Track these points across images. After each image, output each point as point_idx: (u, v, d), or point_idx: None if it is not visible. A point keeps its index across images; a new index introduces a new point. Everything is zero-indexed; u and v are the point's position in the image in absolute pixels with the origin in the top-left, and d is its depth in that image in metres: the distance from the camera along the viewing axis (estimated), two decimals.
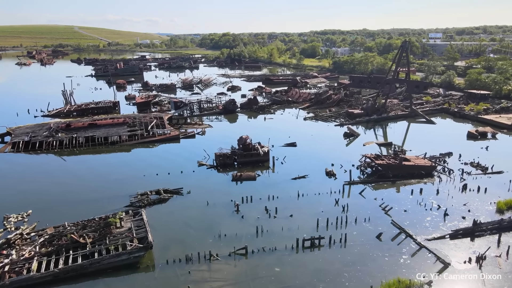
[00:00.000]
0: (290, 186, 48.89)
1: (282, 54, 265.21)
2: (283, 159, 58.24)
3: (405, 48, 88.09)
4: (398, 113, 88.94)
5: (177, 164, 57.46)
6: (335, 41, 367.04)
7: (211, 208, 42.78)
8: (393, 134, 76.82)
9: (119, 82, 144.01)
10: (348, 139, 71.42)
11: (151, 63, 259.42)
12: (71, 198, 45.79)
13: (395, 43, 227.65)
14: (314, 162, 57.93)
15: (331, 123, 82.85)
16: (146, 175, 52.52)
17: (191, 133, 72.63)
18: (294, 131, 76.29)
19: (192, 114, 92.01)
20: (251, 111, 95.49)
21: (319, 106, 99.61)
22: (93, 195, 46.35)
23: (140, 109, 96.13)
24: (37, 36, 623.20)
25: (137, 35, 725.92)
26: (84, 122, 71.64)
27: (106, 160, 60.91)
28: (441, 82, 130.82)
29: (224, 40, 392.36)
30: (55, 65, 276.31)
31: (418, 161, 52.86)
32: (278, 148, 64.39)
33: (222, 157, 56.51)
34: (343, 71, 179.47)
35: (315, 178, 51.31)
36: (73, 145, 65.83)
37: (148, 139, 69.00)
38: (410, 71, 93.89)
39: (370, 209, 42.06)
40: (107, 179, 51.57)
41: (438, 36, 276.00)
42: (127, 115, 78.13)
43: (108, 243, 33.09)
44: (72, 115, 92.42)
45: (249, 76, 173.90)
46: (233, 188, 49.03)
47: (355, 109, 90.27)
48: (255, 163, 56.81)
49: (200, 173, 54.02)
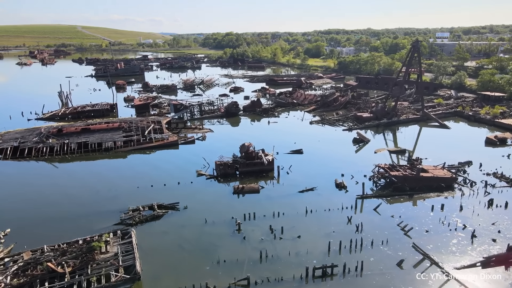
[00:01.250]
0: (297, 200, 44.52)
1: (286, 54, 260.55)
2: (289, 169, 53.87)
3: (417, 48, 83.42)
4: (410, 116, 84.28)
5: (174, 174, 53.23)
6: (340, 41, 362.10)
7: (209, 226, 38.47)
8: (404, 140, 72.22)
9: (119, 83, 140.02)
10: (358, 145, 66.92)
11: (153, 63, 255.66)
12: (56, 214, 41.59)
13: (401, 42, 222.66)
14: (322, 172, 53.55)
15: (338, 128, 78.36)
16: (140, 186, 48.28)
17: (190, 139, 68.36)
18: (300, 136, 71.99)
19: (192, 117, 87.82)
20: (254, 114, 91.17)
21: (326, 109, 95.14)
22: (81, 210, 42.15)
23: (139, 111, 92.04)
24: (40, 35, 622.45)
25: (140, 34, 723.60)
26: (77, 127, 67.46)
27: (98, 169, 56.70)
28: (452, 83, 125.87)
29: (227, 40, 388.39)
30: (56, 65, 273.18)
31: (436, 172, 48.30)
32: (283, 155, 60.02)
33: (223, 166, 52.22)
34: (349, 72, 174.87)
35: (324, 191, 46.91)
36: (65, 151, 61.72)
37: (145, 145, 64.79)
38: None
39: (387, 229, 37.60)
40: (98, 191, 47.33)
41: (445, 35, 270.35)
42: (123, 119, 73.93)
43: (90, 273, 28.88)
44: (67, 118, 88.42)
45: (252, 76, 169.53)
46: (234, 202, 44.72)
47: (363, 112, 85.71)
48: (259, 173, 52.48)
49: (199, 184, 49.72)
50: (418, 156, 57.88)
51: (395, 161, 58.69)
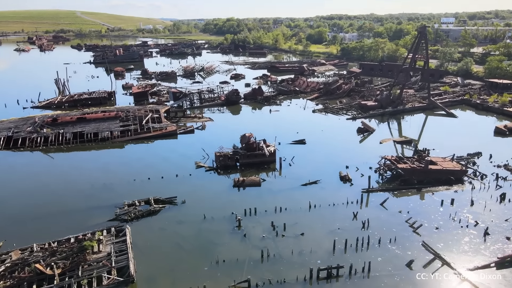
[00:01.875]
0: (300, 193, 42.67)
1: (287, 40, 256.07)
2: (291, 160, 51.89)
3: (424, 34, 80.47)
4: (415, 105, 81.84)
5: (173, 165, 51.33)
6: (342, 27, 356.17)
7: (208, 223, 36.69)
8: (409, 129, 70.10)
9: (117, 69, 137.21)
10: (362, 135, 64.77)
11: (152, 49, 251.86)
12: (49, 208, 39.82)
13: (406, 28, 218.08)
14: (326, 163, 51.60)
15: (342, 116, 76.09)
16: (136, 179, 46.40)
17: (189, 128, 66.28)
18: (302, 126, 69.92)
19: (192, 105, 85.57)
20: (256, 102, 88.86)
21: (329, 96, 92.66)
22: (74, 205, 40.37)
23: (137, 99, 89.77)
24: (38, 21, 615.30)
25: (140, 20, 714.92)
26: (73, 116, 65.31)
27: (94, 160, 54.75)
28: (458, 70, 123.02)
29: (228, 26, 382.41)
30: (55, 51, 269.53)
31: (445, 164, 46.27)
32: (286, 146, 58.00)
33: (223, 157, 50.25)
34: (352, 58, 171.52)
35: (328, 184, 45.01)
36: (60, 142, 59.76)
37: (142, 135, 62.76)
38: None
39: (395, 226, 35.78)
40: (93, 184, 45.47)
41: (450, 21, 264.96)
42: (120, 108, 71.73)
43: (81, 275, 27.19)
44: (64, 106, 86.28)
45: (253, 63, 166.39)
46: (234, 195, 42.89)
47: (368, 100, 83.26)
48: (260, 165, 50.55)
49: (198, 176, 47.84)
50: (425, 147, 55.83)
51: (401, 152, 56.70)
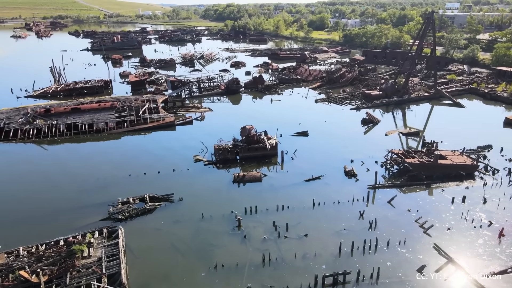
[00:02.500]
0: (303, 190, 40.65)
1: (289, 26, 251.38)
2: (294, 154, 49.73)
3: (431, 20, 77.51)
4: (421, 94, 79.25)
5: (170, 159, 49.28)
6: (344, 12, 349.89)
7: (206, 222, 34.74)
8: (415, 119, 67.80)
9: (115, 57, 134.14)
10: (367, 126, 62.48)
11: (152, 35, 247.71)
12: (38, 207, 37.85)
13: (410, 14, 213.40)
14: (330, 157, 49.47)
15: (346, 107, 73.64)
16: (132, 174, 44.36)
17: (188, 119, 63.99)
18: (305, 116, 67.63)
19: (191, 94, 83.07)
20: (256, 91, 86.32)
21: (331, 85, 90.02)
22: (66, 203, 38.39)
23: (134, 88, 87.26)
24: (36, 7, 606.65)
25: (139, 6, 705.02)
26: (66, 106, 62.91)
27: (88, 153, 52.59)
28: (464, 57, 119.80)
29: (229, 11, 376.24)
30: (52, 37, 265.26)
31: (455, 158, 44.11)
32: (287, 138, 55.78)
33: (222, 151, 48.10)
34: (355, 45, 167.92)
35: (332, 180, 42.95)
36: (53, 133, 57.55)
37: (139, 126, 60.51)
38: (431, 45, 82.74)
39: (404, 226, 33.81)
40: (85, 179, 43.42)
41: (455, 6, 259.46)
42: (116, 98, 69.26)
43: (69, 283, 25.33)
44: (59, 95, 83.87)
45: (254, 50, 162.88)
46: (234, 192, 40.87)
47: (372, 90, 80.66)
48: (261, 158, 48.44)
49: (196, 171, 45.77)
50: (433, 139, 53.49)
51: (408, 145, 54.48)
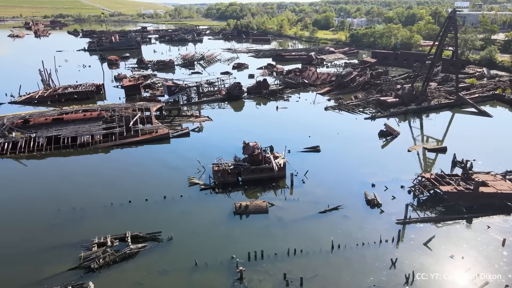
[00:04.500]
0: (318, 225, 33.80)
1: (293, 25, 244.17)
2: (305, 175, 42.87)
3: (453, 19, 70.52)
4: (442, 101, 72.16)
5: (161, 181, 42.60)
6: (349, 11, 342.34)
7: (200, 272, 27.93)
8: (434, 128, 61.11)
9: (111, 58, 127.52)
10: (385, 139, 55.55)
11: (152, 35, 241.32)
12: None
13: (419, 13, 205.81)
14: (346, 179, 42.64)
15: (359, 115, 66.68)
16: (115, 202, 37.61)
17: (184, 131, 57.20)
18: (314, 126, 60.95)
19: (189, 101, 76.33)
20: (260, 97, 79.50)
21: (341, 90, 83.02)
22: (28, 244, 31.50)
23: (128, 94, 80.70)
24: (37, 6, 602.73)
25: (141, 4, 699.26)
26: (48, 117, 56.17)
27: (66, 174, 45.72)
28: (480, 59, 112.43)
29: (231, 10, 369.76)
30: (51, 37, 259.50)
31: (498, 184, 37.13)
32: (296, 154, 48.94)
33: (222, 173, 41.30)
34: (362, 45, 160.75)
35: (352, 210, 36.06)
36: (30, 148, 50.87)
37: (129, 139, 53.76)
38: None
39: (452, 283, 26.87)
40: (58, 209, 36.58)
41: (465, 5, 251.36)
42: (105, 106, 62.41)
43: None
44: (46, 102, 77.36)
45: (257, 51, 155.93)
46: (235, 227, 34.05)
47: (387, 96, 73.64)
48: (267, 181, 41.66)
49: (191, 198, 38.93)
50: (463, 157, 46.41)
51: (434, 162, 47.45)
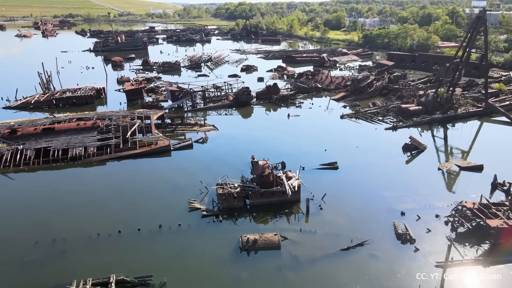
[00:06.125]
0: (341, 267, 28.27)
1: (303, 25, 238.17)
2: (322, 199, 37.26)
3: (483, 20, 64.21)
4: (469, 109, 65.91)
5: (158, 203, 37.41)
6: (361, 11, 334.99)
7: None
8: (459, 139, 55.29)
9: (115, 59, 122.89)
10: (410, 154, 49.67)
11: (160, 35, 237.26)
12: None
13: (435, 13, 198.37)
14: (370, 205, 36.94)
15: (379, 125, 60.81)
16: (102, 233, 32.41)
17: (186, 142, 51.94)
18: (330, 137, 55.52)
19: (194, 107, 71.18)
20: (270, 103, 74.05)
21: (357, 96, 77.19)
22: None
23: (130, 98, 75.82)
24: (48, 5, 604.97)
25: (150, 4, 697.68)
26: (38, 126, 51.23)
27: (52, 193, 40.61)
28: (505, 62, 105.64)
29: (240, 10, 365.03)
30: (58, 37, 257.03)
31: None
32: (311, 172, 43.37)
33: (227, 197, 35.91)
34: (375, 46, 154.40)
35: (380, 247, 30.41)
36: (16, 162, 46.00)
37: (125, 152, 48.62)
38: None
39: None
40: (37, 241, 31.51)
41: (481, 4, 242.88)
42: (101, 114, 57.36)
43: None
44: (43, 107, 72.88)
45: (267, 52, 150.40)
46: (242, 269, 28.63)
47: (409, 103, 67.61)
48: (278, 207, 36.18)
49: (191, 227, 33.56)
50: (505, 178, 40.50)
51: (471, 184, 41.43)
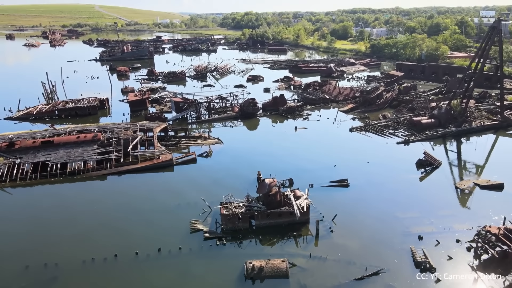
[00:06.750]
0: None
1: (310, 35, 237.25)
2: (332, 220, 34.92)
3: (498, 30, 62.02)
4: (484, 123, 63.31)
5: (158, 223, 35.32)
6: (367, 21, 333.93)
7: None
8: (474, 154, 52.79)
9: (120, 69, 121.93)
10: (424, 170, 47.19)
11: (166, 44, 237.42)
12: None
13: (443, 22, 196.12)
14: (385, 227, 34.52)
15: (390, 139, 58.44)
16: (98, 256, 30.24)
17: (189, 156, 49.91)
18: (339, 152, 53.29)
19: (198, 118, 69.37)
20: (277, 115, 72.05)
21: (367, 108, 74.98)
22: None
23: (133, 109, 74.24)
24: (57, 15, 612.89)
25: (158, 14, 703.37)
26: (36, 139, 49.50)
27: (47, 211, 38.48)
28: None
29: (247, 20, 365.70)
30: (66, 46, 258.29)
31: None
32: (321, 190, 41.08)
33: (231, 218, 33.70)
34: (383, 56, 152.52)
35: (397, 277, 27.96)
36: (13, 177, 44.19)
37: (126, 167, 46.67)
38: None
39: None
40: (27, 266, 29.46)
41: (490, 14, 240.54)
42: (103, 126, 55.62)
43: None
44: (45, 118, 71.50)
45: (273, 62, 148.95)
46: None
47: (421, 116, 65.23)
48: (286, 229, 33.89)
49: (192, 251, 31.32)
50: None
51: (492, 205, 38.83)
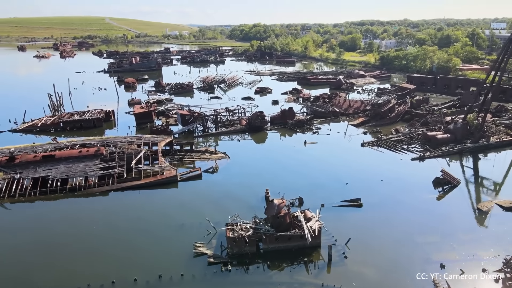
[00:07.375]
0: None
1: (318, 47, 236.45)
2: (346, 244, 32.58)
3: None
4: (503, 138, 60.67)
5: (160, 245, 33.24)
6: (376, 33, 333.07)
7: None
8: (493, 172, 50.25)
9: (128, 81, 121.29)
10: (442, 189, 44.69)
11: (174, 56, 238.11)
12: None
13: (454, 35, 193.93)
14: (403, 253, 32.07)
15: (404, 155, 56.05)
16: (94, 283, 28.28)
17: (195, 172, 48.00)
18: (351, 168, 50.99)
19: (205, 131, 67.72)
20: (285, 128, 70.14)
21: (378, 121, 72.78)
22: None
23: (139, 122, 72.95)
24: (68, 27, 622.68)
25: (167, 26, 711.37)
26: (37, 154, 48.04)
27: (44, 230, 36.64)
28: None
29: (255, 32, 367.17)
30: (76, 57, 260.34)
31: None
32: (332, 209, 38.82)
33: (237, 242, 31.53)
34: (393, 68, 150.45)
35: None
36: (12, 192, 42.60)
37: (129, 183, 44.86)
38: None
39: None
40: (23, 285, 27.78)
41: (501, 26, 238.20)
42: (106, 140, 53.94)
43: None
44: (51, 130, 70.45)
45: (281, 73, 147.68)
46: None
47: (436, 130, 62.82)
48: (296, 251, 31.64)
49: (195, 279, 29.12)
50: None
51: (509, 219, 36.32)
